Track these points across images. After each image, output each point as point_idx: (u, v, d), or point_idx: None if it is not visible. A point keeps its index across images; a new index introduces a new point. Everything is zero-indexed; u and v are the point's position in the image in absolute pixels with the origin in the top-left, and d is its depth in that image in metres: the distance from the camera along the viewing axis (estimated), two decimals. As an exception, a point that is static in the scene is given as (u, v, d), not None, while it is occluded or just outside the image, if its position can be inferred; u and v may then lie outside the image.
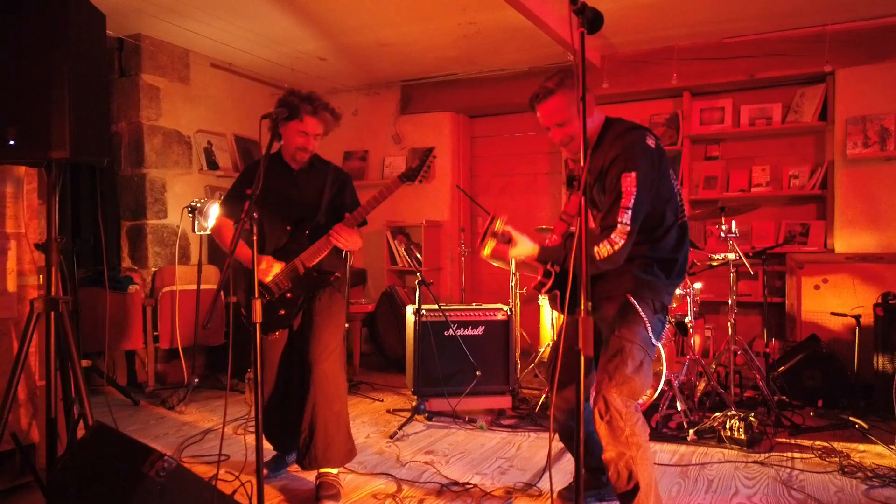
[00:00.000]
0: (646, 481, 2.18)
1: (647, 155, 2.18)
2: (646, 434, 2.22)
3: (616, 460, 2.19)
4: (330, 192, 2.88)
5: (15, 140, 2.29)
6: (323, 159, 2.99)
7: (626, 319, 2.23)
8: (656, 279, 2.26)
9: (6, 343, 2.77)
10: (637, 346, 2.20)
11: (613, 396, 2.15)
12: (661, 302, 2.29)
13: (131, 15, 4.46)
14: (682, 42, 5.07)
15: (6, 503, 2.69)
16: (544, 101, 2.28)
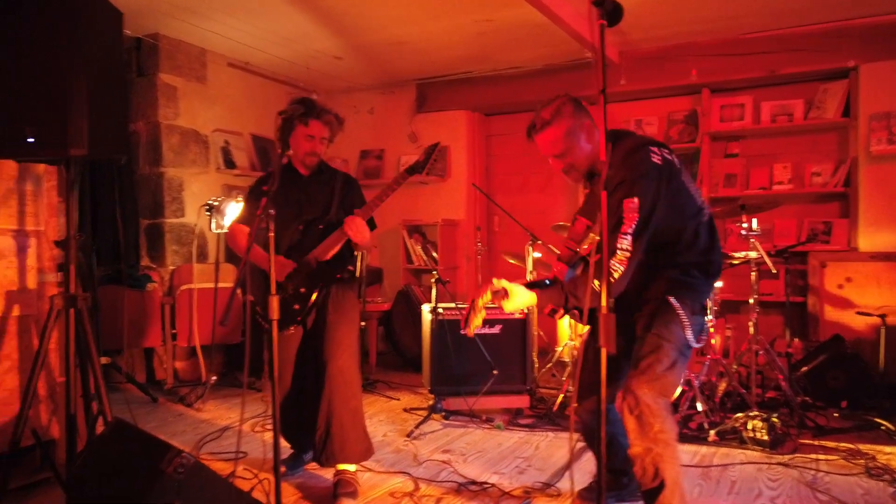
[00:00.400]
0: (672, 479, 2.14)
1: (652, 176, 2.12)
2: (675, 432, 2.19)
3: (643, 456, 2.16)
4: (339, 195, 2.94)
5: (34, 138, 2.30)
6: (331, 166, 3.06)
7: (664, 318, 2.20)
8: (695, 280, 2.23)
9: (26, 340, 2.79)
10: (672, 346, 2.17)
11: (644, 391, 2.13)
12: (701, 303, 2.26)
13: (149, 15, 4.49)
14: (702, 38, 5.00)
15: (26, 498, 2.71)
16: (541, 133, 2.24)
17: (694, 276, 2.23)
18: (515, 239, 6.13)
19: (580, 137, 2.24)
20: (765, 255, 3.74)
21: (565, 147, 2.23)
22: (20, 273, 2.77)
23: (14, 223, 2.74)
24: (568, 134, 2.21)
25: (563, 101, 2.24)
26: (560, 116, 2.21)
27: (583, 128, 2.24)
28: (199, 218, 4.96)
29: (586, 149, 2.26)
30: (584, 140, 2.25)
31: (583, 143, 2.25)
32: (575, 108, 2.24)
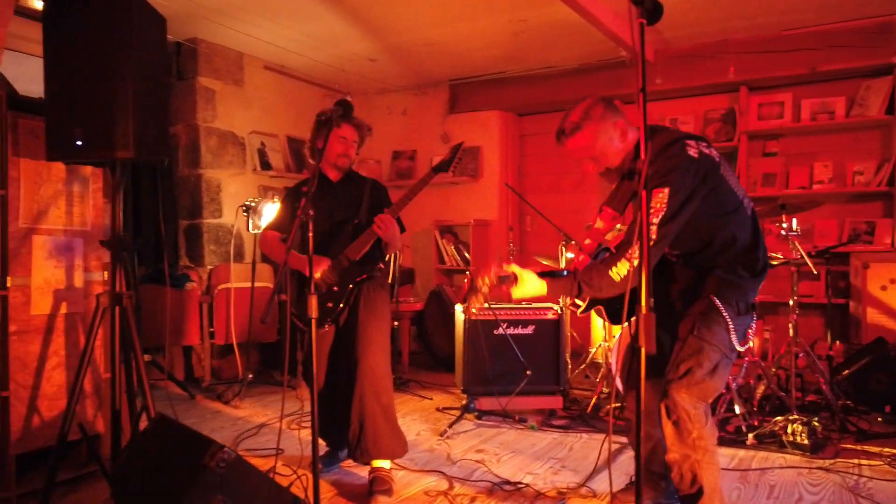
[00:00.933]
0: (710, 486, 2.11)
1: (686, 169, 2.04)
2: (715, 438, 2.14)
3: (680, 462, 2.13)
4: (368, 199, 3.01)
5: (82, 141, 2.38)
6: (359, 174, 3.13)
7: (708, 319, 2.14)
8: (741, 279, 2.16)
9: (73, 337, 2.88)
10: (714, 349, 2.11)
11: (683, 396, 2.08)
12: (747, 302, 2.19)
13: (189, 20, 4.59)
14: (739, 35, 4.92)
15: (73, 490, 2.79)
16: (572, 137, 2.19)
17: (740, 275, 2.16)
18: (548, 239, 6.11)
19: (613, 138, 2.19)
20: (805, 255, 3.67)
21: (598, 149, 2.18)
22: (67, 272, 2.86)
23: (62, 223, 2.83)
24: (599, 136, 2.16)
25: (592, 103, 2.18)
26: (589, 119, 2.16)
27: (616, 127, 2.18)
28: (237, 218, 5.05)
29: (620, 148, 2.20)
30: (617, 140, 2.19)
31: (616, 143, 2.19)
32: (605, 108, 2.18)
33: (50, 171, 2.77)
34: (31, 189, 2.71)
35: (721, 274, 2.16)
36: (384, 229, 2.81)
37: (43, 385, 2.75)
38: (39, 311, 2.75)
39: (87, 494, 2.76)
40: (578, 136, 2.18)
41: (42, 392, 2.75)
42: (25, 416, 2.69)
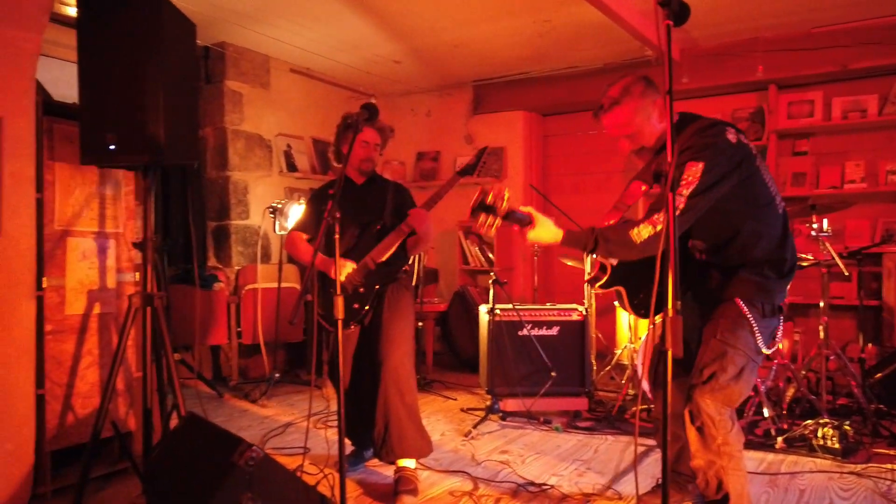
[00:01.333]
0: (737, 492, 2.08)
1: (723, 150, 2.02)
2: (740, 443, 2.11)
3: (705, 469, 2.10)
4: (392, 201, 3.03)
5: (115, 145, 2.43)
6: (383, 177, 3.17)
7: (732, 322, 2.10)
8: (767, 280, 2.12)
9: (106, 336, 2.94)
10: (739, 353, 2.08)
11: (707, 402, 2.06)
12: (773, 304, 2.14)
13: (217, 24, 4.66)
14: (768, 33, 4.85)
15: (106, 487, 2.86)
16: (610, 113, 2.17)
17: (766, 276, 2.11)
18: (573, 240, 6.08)
19: (651, 116, 2.16)
20: (836, 256, 3.60)
21: (636, 128, 2.15)
22: (101, 273, 2.92)
23: (95, 226, 2.90)
24: (637, 114, 2.13)
25: (633, 80, 2.15)
26: (629, 95, 2.13)
27: (655, 106, 2.16)
28: (263, 220, 5.12)
29: (658, 128, 2.17)
30: (655, 119, 2.16)
31: (654, 122, 2.16)
32: (646, 86, 2.16)
33: (84, 174, 2.84)
34: (65, 192, 2.78)
35: (746, 274, 2.12)
36: (419, 222, 2.83)
37: (77, 383, 2.82)
38: (74, 311, 2.81)
39: (119, 491, 2.82)
40: (617, 112, 2.15)
41: (76, 390, 2.82)
42: (60, 414, 2.76)
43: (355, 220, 2.97)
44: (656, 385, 2.43)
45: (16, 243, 2.56)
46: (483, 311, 4.14)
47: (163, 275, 3.63)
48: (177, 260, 4.91)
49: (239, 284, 5.05)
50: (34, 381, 2.65)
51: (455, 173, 2.96)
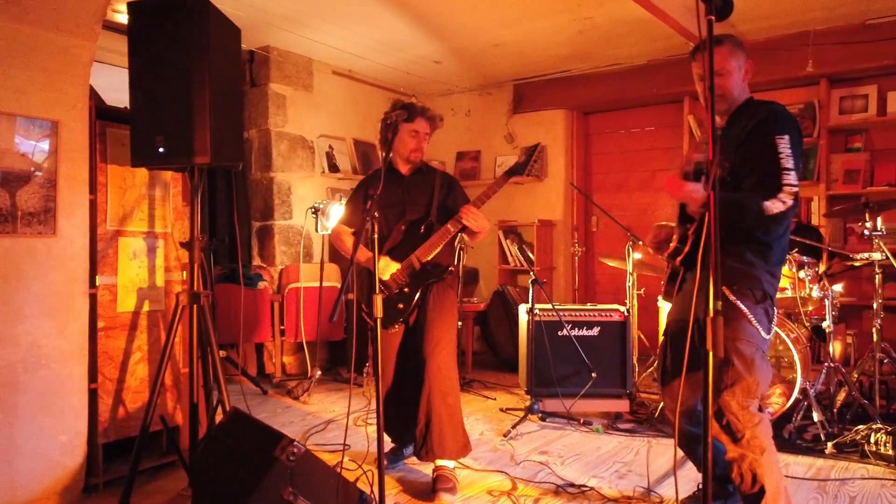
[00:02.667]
0: (773, 486, 2.05)
1: (795, 125, 2.12)
2: (769, 436, 2.10)
3: (739, 461, 2.11)
4: (439, 194, 3.00)
5: (164, 148, 2.51)
6: (430, 166, 3.13)
7: (725, 316, 2.07)
8: (750, 266, 2.12)
9: (155, 333, 3.04)
10: (743, 342, 2.08)
11: (726, 400, 2.06)
12: (763, 290, 2.13)
13: (261, 28, 4.76)
14: (819, 26, 4.70)
15: (154, 479, 2.95)
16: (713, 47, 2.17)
17: (749, 262, 2.12)
18: (614, 240, 6.01)
19: (740, 68, 2.23)
20: (890, 256, 3.47)
21: (728, 68, 2.20)
22: (150, 272, 3.02)
23: (145, 226, 3.00)
24: (732, 58, 2.19)
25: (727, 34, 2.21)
26: (728, 39, 2.21)
27: (743, 61, 2.24)
28: (306, 220, 5.20)
29: (739, 84, 2.24)
30: (740, 74, 2.24)
31: (739, 75, 2.23)
32: (738, 42, 2.24)
33: (134, 176, 2.94)
34: (117, 194, 2.88)
35: (730, 262, 2.10)
36: (472, 218, 2.79)
37: (127, 378, 2.92)
38: (124, 309, 2.91)
39: (166, 483, 2.91)
40: (717, 49, 2.16)
41: (126, 385, 2.92)
42: (111, 408, 2.86)
43: (401, 216, 2.96)
44: (664, 381, 2.39)
45: (71, 243, 2.66)
46: (523, 311, 4.12)
47: (209, 274, 3.72)
48: (222, 259, 5.03)
49: (282, 283, 5.15)
50: (87, 375, 2.75)
51: (505, 172, 2.88)
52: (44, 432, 2.59)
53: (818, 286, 3.59)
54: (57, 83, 2.59)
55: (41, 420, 2.58)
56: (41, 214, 2.55)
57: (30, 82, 2.51)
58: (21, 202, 2.50)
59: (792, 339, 3.53)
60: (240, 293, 4.62)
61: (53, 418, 2.62)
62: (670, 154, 5.78)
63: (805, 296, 3.61)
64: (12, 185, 2.47)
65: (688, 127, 5.42)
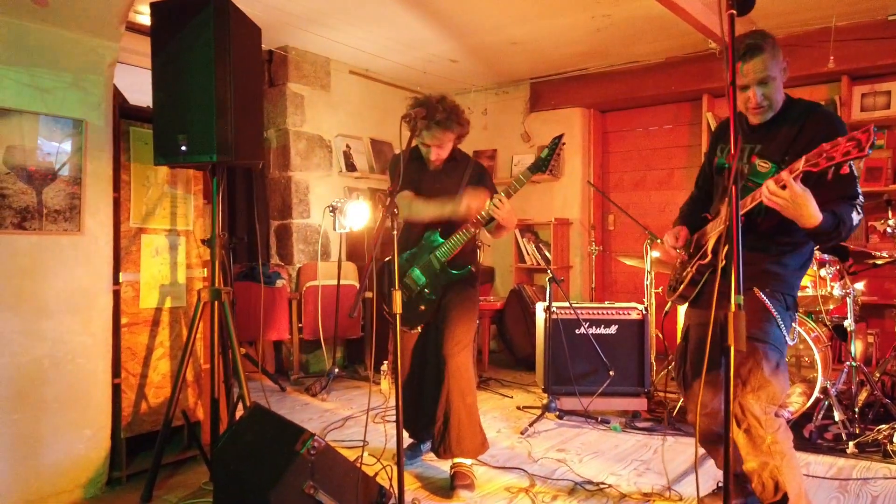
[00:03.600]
0: (795, 491, 2.03)
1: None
2: (789, 441, 2.08)
3: (759, 471, 2.06)
4: (467, 185, 2.95)
5: (186, 146, 2.54)
6: (465, 154, 3.09)
7: (756, 317, 2.06)
8: (786, 270, 2.11)
9: (177, 329, 3.08)
10: (771, 347, 2.05)
11: (750, 402, 2.02)
12: (793, 297, 2.14)
13: (280, 28, 4.79)
14: (841, 22, 4.65)
15: (176, 473, 2.99)
16: (752, 58, 2.10)
17: (786, 265, 2.11)
18: (632, 238, 5.98)
19: (781, 71, 2.16)
20: (914, 254, 3.43)
21: (772, 76, 2.12)
22: (171, 269, 3.06)
23: (167, 224, 3.04)
24: (775, 64, 2.12)
25: (767, 33, 2.15)
26: (768, 44, 2.11)
27: (782, 61, 2.16)
28: (324, 218, 5.24)
29: (781, 87, 2.19)
30: (782, 76, 2.17)
31: (781, 78, 2.17)
32: (776, 41, 2.15)
33: (157, 174, 2.98)
34: (139, 191, 2.93)
35: (768, 266, 2.09)
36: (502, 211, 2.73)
37: (149, 374, 2.96)
38: (147, 305, 2.96)
39: (188, 477, 2.95)
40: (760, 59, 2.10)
41: (149, 380, 2.96)
42: (134, 403, 2.91)
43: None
44: (685, 384, 2.37)
45: (95, 240, 2.71)
46: (540, 309, 4.12)
47: (229, 271, 3.77)
48: (241, 257, 5.08)
49: (300, 281, 5.19)
50: (111, 370, 2.80)
51: (529, 167, 2.81)
52: (69, 426, 2.63)
53: (839, 284, 3.55)
54: (82, 83, 2.63)
55: (67, 414, 2.63)
56: (67, 212, 2.60)
57: (56, 82, 2.56)
58: (47, 200, 2.54)
59: (813, 338, 3.50)
60: (258, 291, 4.66)
61: (78, 412, 2.66)
62: (689, 152, 5.74)
63: (826, 294, 3.58)
64: (38, 183, 2.52)
65: (706, 124, 5.38)
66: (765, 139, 2.19)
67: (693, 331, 2.34)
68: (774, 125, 2.19)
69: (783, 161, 2.09)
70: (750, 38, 2.12)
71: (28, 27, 2.47)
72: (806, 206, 1.85)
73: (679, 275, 2.44)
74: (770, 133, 2.20)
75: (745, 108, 2.20)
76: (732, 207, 1.44)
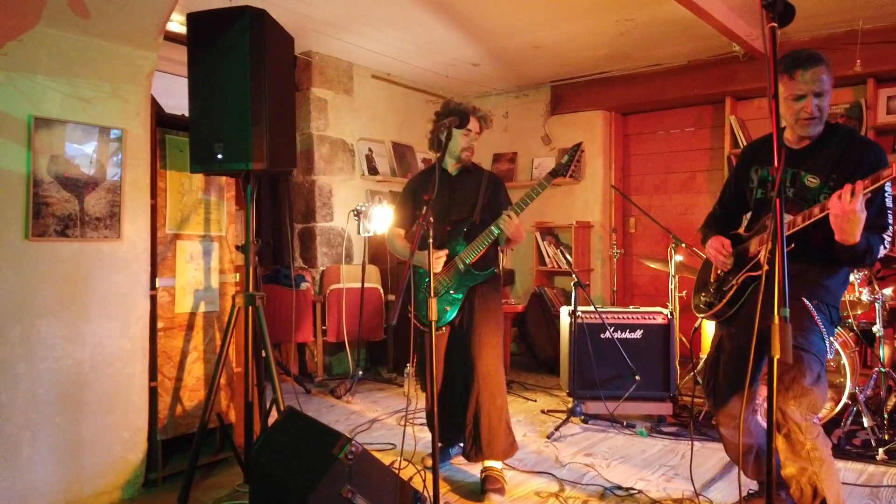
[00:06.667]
0: (833, 498, 2.04)
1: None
2: (828, 448, 2.09)
3: (798, 476, 2.07)
4: (485, 195, 3.01)
5: (222, 154, 2.58)
6: (478, 165, 3.16)
7: (803, 327, 2.09)
8: (833, 282, 2.15)
9: (210, 333, 3.13)
10: (814, 357, 2.07)
11: (791, 409, 2.04)
12: (837, 309, 2.19)
13: (304, 34, 4.84)
14: (867, 25, 4.62)
15: (210, 475, 3.04)
16: (814, 66, 2.11)
17: (835, 277, 2.14)
18: (653, 241, 5.98)
19: (831, 88, 2.17)
20: (944, 260, 3.41)
21: (828, 89, 2.14)
22: (205, 274, 3.11)
23: (201, 230, 3.09)
24: (830, 79, 2.14)
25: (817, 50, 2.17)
26: (826, 60, 2.14)
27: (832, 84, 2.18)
28: (347, 222, 5.28)
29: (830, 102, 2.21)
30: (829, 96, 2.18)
31: (831, 94, 2.19)
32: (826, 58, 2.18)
33: (192, 181, 3.03)
34: (175, 198, 2.98)
35: (818, 275, 2.13)
36: (507, 226, 2.81)
37: (185, 377, 3.02)
38: (182, 310, 3.01)
39: (222, 479, 2.99)
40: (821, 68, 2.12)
41: (184, 384, 3.01)
42: (170, 406, 2.96)
43: (447, 217, 2.98)
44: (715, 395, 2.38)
45: (134, 246, 2.76)
46: (565, 313, 4.13)
47: (256, 275, 3.82)
48: (265, 261, 5.14)
49: (324, 284, 5.23)
50: (148, 374, 2.85)
51: (548, 173, 2.88)
52: (108, 428, 2.69)
53: (868, 289, 3.54)
54: (121, 93, 2.69)
55: (106, 417, 2.68)
56: (107, 219, 2.65)
57: (97, 92, 2.61)
58: (88, 207, 2.60)
59: (840, 343, 3.49)
60: (282, 294, 4.71)
61: (117, 415, 2.72)
62: (711, 155, 5.73)
63: (854, 299, 3.57)
64: (80, 191, 2.58)
65: (730, 127, 5.37)
66: (808, 161, 2.21)
67: (729, 341, 2.34)
68: (818, 147, 2.21)
69: (830, 178, 2.12)
70: (805, 51, 2.14)
71: (69, 38, 2.53)
72: (858, 223, 1.92)
73: (718, 290, 2.42)
74: (813, 155, 2.22)
75: (794, 121, 2.18)
76: (777, 219, 1.45)
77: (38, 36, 2.44)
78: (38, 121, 2.45)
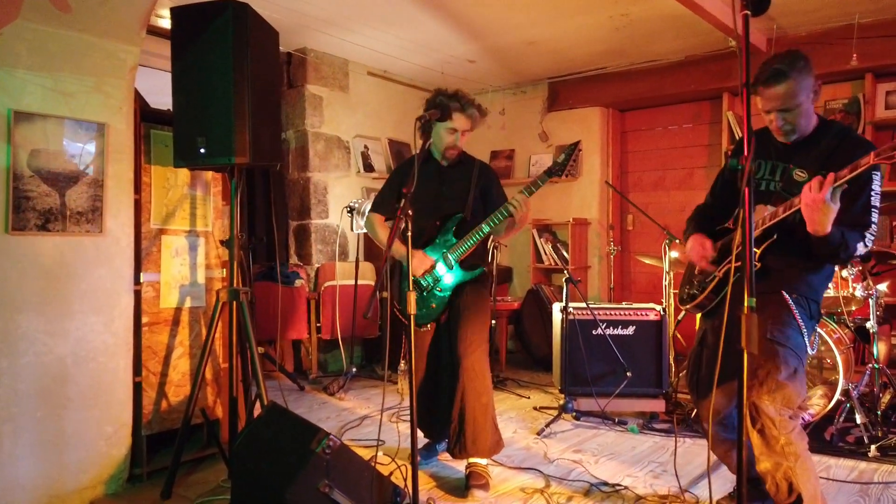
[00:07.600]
0: (809, 493, 2.02)
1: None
2: (804, 443, 2.07)
3: (773, 471, 2.06)
4: (476, 187, 2.97)
5: (205, 148, 2.58)
6: (470, 155, 3.10)
7: (780, 321, 2.07)
8: (816, 277, 2.13)
9: (196, 329, 3.12)
10: (790, 351, 2.05)
11: (765, 403, 2.02)
12: (818, 304, 2.15)
13: (299, 31, 4.83)
14: (865, 19, 4.57)
15: (195, 470, 3.03)
16: (775, 86, 2.07)
17: (817, 272, 2.12)
18: (650, 238, 5.94)
19: (809, 97, 2.12)
20: (939, 255, 3.37)
21: (796, 103, 2.09)
22: (191, 269, 3.10)
23: (187, 225, 3.08)
24: (800, 92, 2.07)
25: (799, 55, 2.10)
26: (796, 70, 2.06)
27: (812, 87, 2.11)
28: (341, 219, 5.28)
29: (809, 111, 2.15)
30: (809, 101, 2.13)
31: (808, 104, 2.13)
32: (808, 63, 2.10)
33: (177, 176, 3.03)
34: (160, 193, 2.97)
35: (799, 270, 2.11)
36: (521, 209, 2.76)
37: (170, 373, 3.01)
38: (167, 305, 3.00)
39: (207, 475, 2.99)
40: (784, 85, 2.06)
41: (169, 379, 3.01)
42: (154, 401, 2.95)
43: (437, 210, 2.94)
44: (698, 393, 2.36)
45: (117, 241, 2.76)
46: (556, 309, 4.11)
47: (248, 271, 3.81)
48: (260, 258, 5.13)
49: (318, 281, 5.23)
50: (132, 369, 2.85)
51: (545, 171, 2.85)
52: (91, 423, 2.69)
53: (862, 286, 3.50)
54: (104, 87, 2.68)
55: (89, 412, 2.68)
56: (89, 213, 2.65)
57: (78, 86, 2.61)
58: (70, 202, 2.59)
59: (834, 339, 3.45)
60: (277, 291, 4.71)
61: (100, 410, 2.71)
62: (708, 151, 5.68)
63: (848, 295, 3.53)
64: (62, 185, 2.57)
65: (727, 123, 5.33)
66: (797, 155, 2.19)
67: (711, 335, 2.32)
68: (809, 143, 2.18)
69: (819, 173, 2.09)
70: (778, 61, 2.08)
71: (51, 32, 2.52)
72: (828, 213, 1.89)
73: (701, 282, 2.42)
74: (804, 150, 2.19)
75: (776, 132, 2.21)
76: (745, 210, 1.43)
77: (18, 30, 2.43)
78: (18, 115, 2.44)
